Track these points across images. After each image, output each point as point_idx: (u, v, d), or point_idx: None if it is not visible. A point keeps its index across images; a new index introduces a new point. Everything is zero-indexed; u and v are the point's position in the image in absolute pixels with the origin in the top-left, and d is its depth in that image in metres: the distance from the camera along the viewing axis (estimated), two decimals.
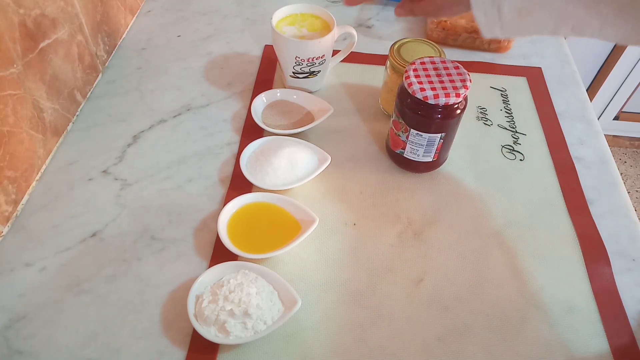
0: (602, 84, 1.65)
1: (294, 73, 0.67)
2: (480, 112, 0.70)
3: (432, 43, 0.63)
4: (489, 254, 0.54)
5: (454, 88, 0.52)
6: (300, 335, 0.47)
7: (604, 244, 0.56)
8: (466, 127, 0.66)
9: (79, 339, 0.46)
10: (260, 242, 0.52)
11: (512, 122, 0.69)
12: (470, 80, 0.54)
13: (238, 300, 0.45)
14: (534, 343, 0.48)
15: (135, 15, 0.82)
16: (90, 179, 0.59)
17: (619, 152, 1.85)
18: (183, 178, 0.60)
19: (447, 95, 0.52)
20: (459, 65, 0.55)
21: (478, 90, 0.72)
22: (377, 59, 0.76)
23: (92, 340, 0.46)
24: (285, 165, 0.57)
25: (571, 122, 0.69)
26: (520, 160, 0.64)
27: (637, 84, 1.64)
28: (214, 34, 0.80)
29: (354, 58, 0.75)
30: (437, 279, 0.52)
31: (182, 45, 0.78)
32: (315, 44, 0.63)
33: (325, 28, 0.66)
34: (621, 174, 1.71)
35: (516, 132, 0.67)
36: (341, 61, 0.71)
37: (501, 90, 0.73)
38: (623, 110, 1.75)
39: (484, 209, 0.58)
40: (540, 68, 0.77)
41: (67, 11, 0.62)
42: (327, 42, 0.64)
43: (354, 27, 0.66)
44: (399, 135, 0.58)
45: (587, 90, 1.70)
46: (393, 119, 0.58)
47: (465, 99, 0.55)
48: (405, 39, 0.64)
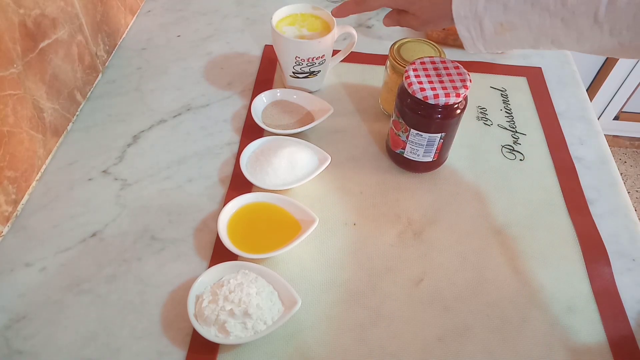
0: (602, 84, 1.65)
1: (294, 73, 0.67)
2: (480, 112, 0.70)
3: (432, 43, 0.63)
4: (489, 254, 0.54)
5: (454, 88, 0.52)
6: (300, 335, 0.47)
7: (604, 244, 0.56)
8: (466, 127, 0.66)
9: (79, 339, 0.46)
10: (260, 242, 0.52)
11: (512, 122, 0.69)
12: (470, 80, 0.54)
13: (238, 300, 0.45)
14: (534, 343, 0.48)
15: (135, 15, 0.82)
16: (90, 179, 0.59)
17: (619, 152, 1.85)
18: (183, 178, 0.60)
19: (447, 95, 0.52)
20: (459, 65, 0.55)
21: (478, 90, 0.72)
22: (377, 59, 0.76)
23: (92, 340, 0.46)
24: (285, 165, 0.57)
25: (571, 122, 0.69)
26: (520, 160, 0.64)
27: (637, 84, 1.64)
28: (214, 34, 0.80)
29: (354, 58, 0.75)
30: (437, 279, 0.52)
31: (182, 45, 0.78)
32: (315, 44, 0.63)
33: (325, 28, 0.66)
34: (621, 174, 1.70)
35: (516, 132, 0.67)
36: (341, 61, 0.71)
37: (501, 90, 0.73)
38: (623, 110, 1.75)
39: (484, 209, 0.58)
40: (540, 68, 0.77)
41: (67, 11, 0.62)
42: (327, 42, 0.64)
43: (354, 27, 0.66)
44: (399, 135, 0.58)
45: (587, 90, 1.70)
46: (393, 119, 0.58)
47: (465, 99, 0.55)
48: (405, 39, 0.64)
